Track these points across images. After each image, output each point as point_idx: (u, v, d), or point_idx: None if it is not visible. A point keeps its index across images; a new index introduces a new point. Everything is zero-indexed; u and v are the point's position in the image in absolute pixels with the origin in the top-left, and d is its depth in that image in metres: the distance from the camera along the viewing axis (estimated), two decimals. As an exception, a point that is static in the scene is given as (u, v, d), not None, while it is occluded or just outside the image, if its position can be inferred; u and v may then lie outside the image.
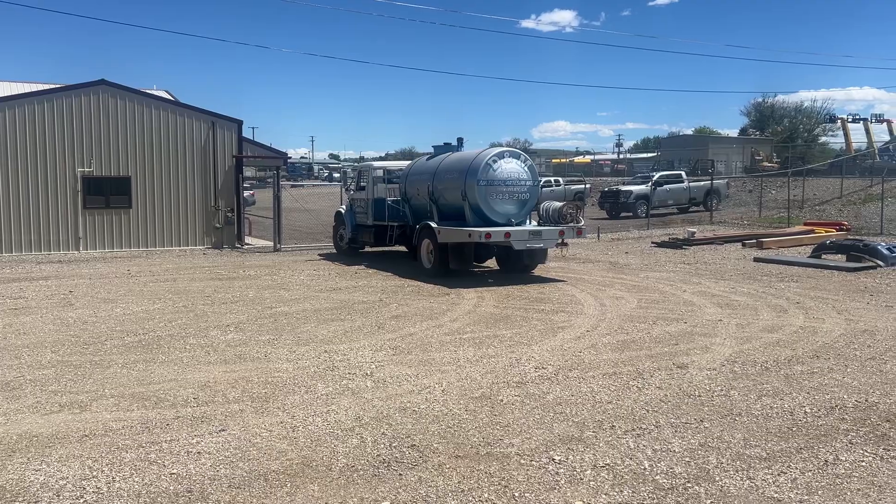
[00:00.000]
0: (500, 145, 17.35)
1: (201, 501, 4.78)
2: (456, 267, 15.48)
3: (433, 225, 15.57)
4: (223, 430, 6.08)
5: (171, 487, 4.99)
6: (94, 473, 5.22)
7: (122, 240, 21.96)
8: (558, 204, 15.87)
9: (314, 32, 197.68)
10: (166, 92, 30.87)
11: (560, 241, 15.45)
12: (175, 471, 5.26)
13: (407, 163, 20.19)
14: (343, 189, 21.26)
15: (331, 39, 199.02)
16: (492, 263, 17.11)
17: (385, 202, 18.55)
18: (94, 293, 13.74)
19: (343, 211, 20.55)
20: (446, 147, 17.49)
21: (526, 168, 15.55)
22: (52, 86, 24.21)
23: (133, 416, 6.50)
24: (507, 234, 14.62)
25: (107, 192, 21.83)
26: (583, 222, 16.11)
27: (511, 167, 15.34)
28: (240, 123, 23.49)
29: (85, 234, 21.62)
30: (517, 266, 16.06)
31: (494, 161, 15.16)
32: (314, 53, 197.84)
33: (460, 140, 17.53)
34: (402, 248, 19.48)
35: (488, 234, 14.51)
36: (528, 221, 15.79)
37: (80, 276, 16.15)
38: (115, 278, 15.91)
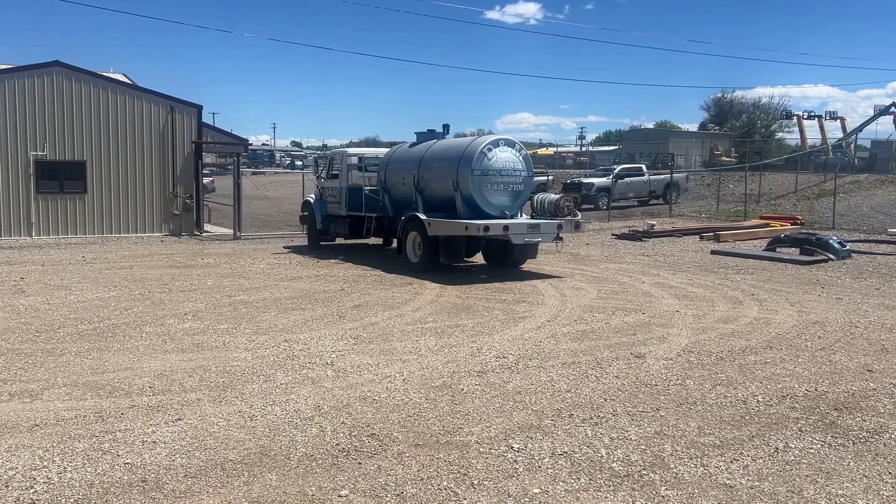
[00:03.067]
0: (482, 133, 16.89)
1: (156, 491, 4.71)
2: (447, 261, 14.73)
3: (422, 216, 14.66)
4: (179, 420, 5.99)
5: (125, 477, 4.90)
6: (45, 463, 5.10)
7: (77, 226, 21.45)
8: (554, 196, 15.04)
9: (277, 17, 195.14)
10: (123, 75, 30.19)
11: (557, 234, 14.57)
12: (129, 460, 5.17)
13: (383, 150, 19.11)
14: (316, 177, 20.10)
15: (294, 25, 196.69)
16: (477, 258, 16.20)
17: (361, 191, 17.42)
18: (46, 280, 13.40)
19: (312, 200, 19.31)
20: (431, 134, 16.58)
21: (521, 158, 14.73)
22: (3, 66, 23.45)
23: (86, 405, 6.36)
24: (506, 228, 13.73)
25: (61, 177, 21.29)
26: (580, 216, 15.41)
27: (506, 156, 14.51)
28: (199, 109, 23.09)
29: (37, 220, 21.05)
30: (506, 261, 15.27)
31: (489, 150, 14.33)
32: (277, 39, 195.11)
33: (446, 127, 16.58)
34: (377, 240, 18.90)
35: (487, 227, 13.53)
36: (520, 214, 14.92)
37: (32, 263, 15.74)
38: (68, 265, 15.54)
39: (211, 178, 37.00)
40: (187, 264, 15.86)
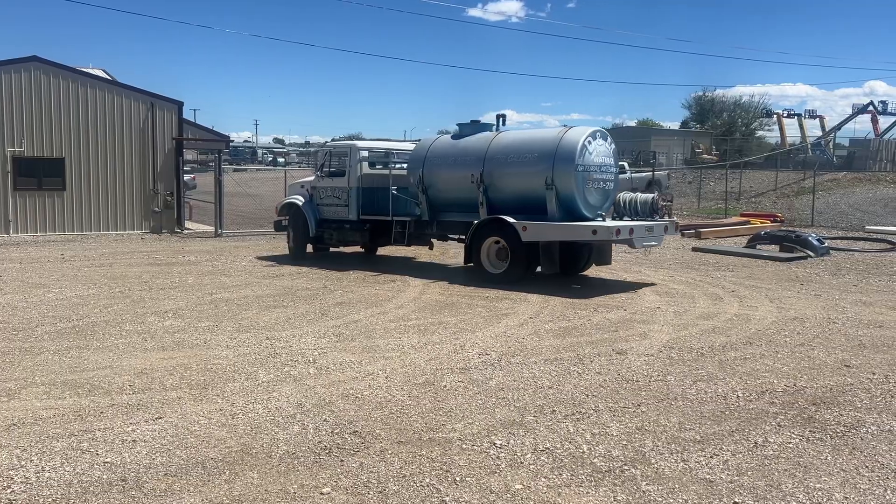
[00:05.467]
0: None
1: (136, 490, 4.67)
2: (548, 271, 12.96)
3: (509, 219, 12.75)
4: (160, 418, 5.95)
5: (105, 476, 4.85)
6: (23, 463, 5.04)
7: (56, 223, 21.22)
8: (648, 195, 13.63)
9: (259, 13, 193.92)
10: (103, 71, 29.84)
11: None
12: (109, 459, 5.12)
13: (394, 144, 17.42)
14: (315, 174, 17.00)
15: (276, 21, 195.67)
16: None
17: (381, 192, 15.24)
18: (24, 278, 13.23)
19: (300, 203, 16.31)
20: (479, 125, 14.69)
21: (612, 151, 13.43)
22: (-20, 61, 23.10)
23: (65, 403, 6.30)
24: (631, 231, 12.24)
25: (39, 174, 21.04)
26: (674, 217, 14.19)
27: (602, 150, 13.15)
28: (180, 105, 22.91)
29: (15, 217, 20.79)
30: (576, 266, 13.75)
31: (589, 142, 12.82)
32: (259, 35, 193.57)
33: (502, 117, 14.75)
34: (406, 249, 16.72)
35: (618, 231, 12.01)
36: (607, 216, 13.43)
37: (10, 260, 15.54)
38: (47, 262, 15.36)
39: (192, 175, 36.72)
40: (168, 262, 15.74)
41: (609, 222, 12.60)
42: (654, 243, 13.39)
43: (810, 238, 17.85)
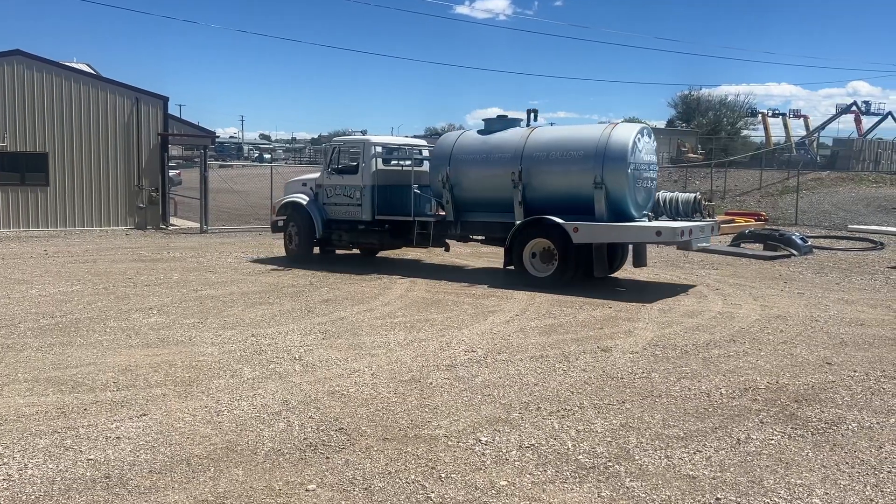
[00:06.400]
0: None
1: (120, 487, 4.65)
2: (601, 274, 12.52)
3: (558, 220, 12.17)
4: (144, 415, 5.92)
5: (88, 473, 4.83)
6: (5, 460, 5.00)
7: (39, 219, 21.02)
8: (689, 195, 13.18)
9: (245, 8, 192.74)
10: (87, 65, 29.62)
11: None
12: (92, 456, 5.09)
13: (406, 139, 16.64)
14: (321, 171, 15.63)
15: (262, 16, 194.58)
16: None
17: (392, 190, 14.53)
18: (6, 274, 13.11)
19: (304, 202, 15.19)
20: (507, 121, 14.02)
21: (655, 148, 12.97)
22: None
23: (48, 400, 6.25)
24: (690, 232, 11.92)
25: (22, 169, 20.84)
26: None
27: (648, 147, 12.70)
28: (166, 100, 22.76)
29: (-3, 212, 20.58)
30: (610, 267, 13.12)
31: (639, 139, 12.35)
32: (245, 30, 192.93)
33: (533, 112, 14.20)
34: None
35: (682, 232, 11.63)
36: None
37: (-8, 256, 15.38)
38: (30, 258, 15.22)
39: (177, 171, 36.52)
40: (153, 258, 15.64)
41: (672, 223, 12.25)
42: (705, 244, 13.03)
43: (794, 237, 18.01)
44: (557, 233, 12.22)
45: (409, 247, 14.86)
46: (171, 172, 27.44)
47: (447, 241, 14.44)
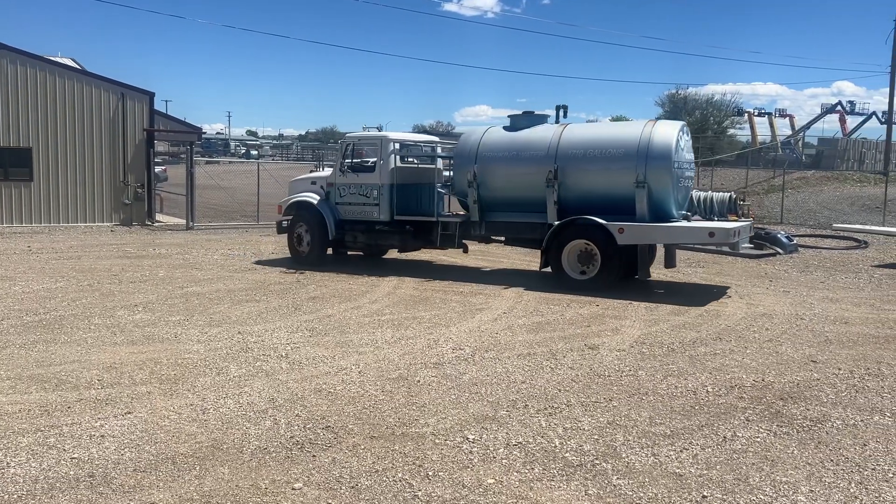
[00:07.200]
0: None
1: (104, 486, 4.61)
2: (645, 276, 12.31)
3: (601, 220, 11.72)
4: (129, 413, 5.87)
5: (72, 472, 4.78)
6: (-13, 459, 4.95)
7: (23, 214, 20.82)
8: (724, 194, 12.83)
9: (232, 3, 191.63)
10: (72, 60, 29.36)
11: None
12: (76, 455, 5.04)
13: (421, 136, 16.09)
14: (335, 168, 14.68)
15: (249, 12, 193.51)
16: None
17: (411, 189, 13.99)
18: (-11, 270, 12.97)
19: (314, 201, 14.41)
20: (533, 117, 13.52)
21: (691, 145, 12.55)
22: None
23: (31, 398, 6.19)
24: (738, 233, 11.60)
25: (5, 164, 20.63)
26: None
27: (687, 145, 12.34)
28: (151, 96, 22.59)
29: (-20, 208, 20.35)
30: (636, 270, 12.52)
31: (681, 137, 12.00)
32: (232, 25, 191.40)
33: (562, 108, 13.78)
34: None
35: (734, 232, 11.31)
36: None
37: (-25, 252, 15.21)
38: (13, 255, 15.06)
39: (163, 167, 36.25)
40: (138, 255, 15.52)
41: (724, 224, 11.82)
42: (749, 245, 12.63)
43: (779, 235, 18.11)
44: (600, 234, 11.77)
45: (432, 248, 14.35)
46: (157, 168, 27.22)
47: (464, 241, 13.89)
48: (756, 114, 55.41)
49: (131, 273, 12.96)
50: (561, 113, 13.77)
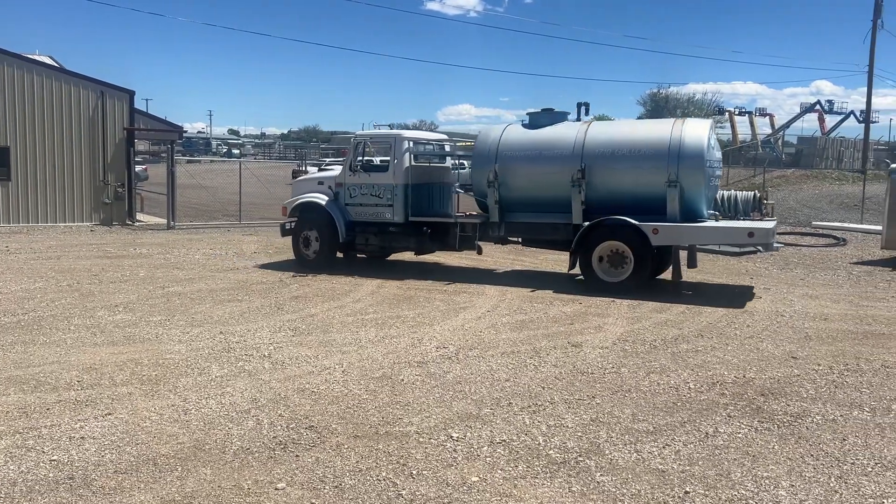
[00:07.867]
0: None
1: (84, 488, 4.56)
2: (678, 278, 12.16)
3: (633, 221, 11.42)
4: (109, 414, 5.81)
5: (51, 475, 4.72)
6: (-36, 462, 4.87)
7: (0, 215, 20.52)
8: (748, 193, 12.63)
9: (213, 1, 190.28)
10: (50, 58, 29.00)
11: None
12: (56, 457, 4.98)
13: (434, 135, 15.82)
14: (344, 168, 14.08)
15: (231, 9, 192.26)
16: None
17: (425, 188, 13.59)
18: (-34, 271, 12.78)
19: (323, 202, 13.83)
20: (554, 114, 13.15)
21: (718, 144, 12.27)
22: (-81, 45, 22.18)
23: (9, 400, 6.11)
24: (774, 232, 11.56)
25: (-18, 163, 20.31)
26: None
27: (716, 143, 12.19)
28: (132, 94, 22.37)
29: (-43, 208, 20.06)
30: (657, 270, 12.49)
31: (711, 136, 11.84)
32: (213, 24, 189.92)
33: (584, 106, 13.49)
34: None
35: (773, 232, 11.26)
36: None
37: (-49, 253, 14.99)
38: (-9, 255, 14.86)
39: (144, 166, 35.95)
40: (118, 254, 15.37)
41: (762, 223, 11.54)
42: (779, 245, 12.54)
43: (760, 233, 18.21)
44: (633, 235, 11.48)
45: (449, 250, 13.85)
46: (138, 168, 26.98)
47: (478, 243, 13.45)
48: (737, 113, 55.87)
49: (112, 273, 12.84)
50: (582, 110, 13.50)
